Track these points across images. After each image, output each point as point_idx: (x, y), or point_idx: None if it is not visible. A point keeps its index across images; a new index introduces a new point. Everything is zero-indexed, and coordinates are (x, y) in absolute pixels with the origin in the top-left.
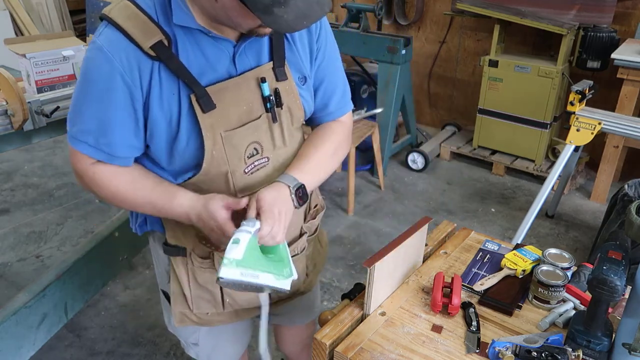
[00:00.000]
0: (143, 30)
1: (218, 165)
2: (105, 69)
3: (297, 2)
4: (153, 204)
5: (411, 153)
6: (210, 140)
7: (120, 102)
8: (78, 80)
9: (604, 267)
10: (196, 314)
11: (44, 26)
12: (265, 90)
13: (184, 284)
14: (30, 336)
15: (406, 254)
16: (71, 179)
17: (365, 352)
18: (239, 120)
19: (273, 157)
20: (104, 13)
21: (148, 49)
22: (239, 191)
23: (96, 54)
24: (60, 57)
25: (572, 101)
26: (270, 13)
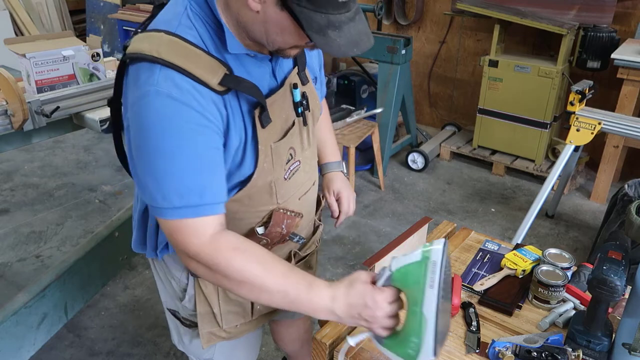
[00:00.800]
0: (204, 67)
1: (265, 175)
2: (183, 115)
3: (350, 29)
4: (285, 292)
5: (411, 153)
6: (264, 154)
7: (210, 142)
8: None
9: (604, 267)
10: (225, 330)
11: (44, 26)
12: (297, 96)
13: (214, 303)
14: (30, 336)
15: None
16: (71, 179)
17: (365, 352)
18: (282, 130)
19: (302, 159)
20: (151, 55)
21: (217, 86)
22: (279, 197)
23: (166, 104)
24: (60, 57)
25: (572, 101)
26: (324, 35)
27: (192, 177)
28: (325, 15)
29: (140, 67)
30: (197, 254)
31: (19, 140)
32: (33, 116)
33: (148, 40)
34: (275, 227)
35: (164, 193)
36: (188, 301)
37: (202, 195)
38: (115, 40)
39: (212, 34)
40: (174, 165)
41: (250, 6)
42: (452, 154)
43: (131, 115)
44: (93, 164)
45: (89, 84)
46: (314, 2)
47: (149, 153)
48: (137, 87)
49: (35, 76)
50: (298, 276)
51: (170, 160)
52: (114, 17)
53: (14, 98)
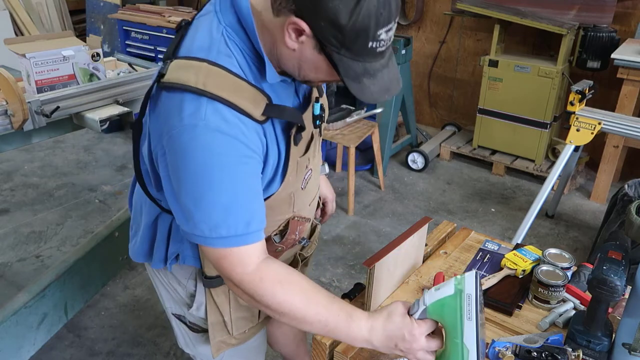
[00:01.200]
0: (249, 100)
1: (288, 188)
2: (233, 149)
3: (383, 76)
4: (326, 322)
5: (411, 153)
6: (292, 168)
7: (255, 173)
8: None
9: (604, 267)
10: (235, 336)
11: (44, 26)
12: (317, 110)
13: (225, 312)
14: (30, 336)
15: (406, 254)
16: (71, 179)
17: (365, 352)
18: (305, 144)
19: (313, 166)
20: (197, 87)
21: (259, 117)
22: (295, 206)
23: (216, 138)
24: (60, 57)
25: (572, 101)
26: (359, 82)
27: (240, 208)
28: (362, 64)
29: (184, 98)
30: (240, 283)
31: (19, 140)
32: (33, 116)
33: (192, 70)
34: (290, 235)
35: (211, 224)
36: (196, 309)
37: (248, 225)
38: (115, 40)
39: (249, 62)
40: (222, 198)
41: (287, 44)
42: (452, 154)
43: (176, 146)
44: (93, 164)
45: (89, 84)
46: (353, 52)
47: (196, 184)
48: (182, 119)
49: (35, 76)
50: (338, 307)
51: (218, 192)
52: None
53: (14, 98)
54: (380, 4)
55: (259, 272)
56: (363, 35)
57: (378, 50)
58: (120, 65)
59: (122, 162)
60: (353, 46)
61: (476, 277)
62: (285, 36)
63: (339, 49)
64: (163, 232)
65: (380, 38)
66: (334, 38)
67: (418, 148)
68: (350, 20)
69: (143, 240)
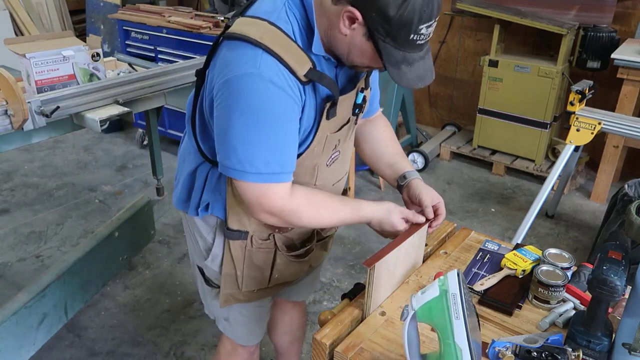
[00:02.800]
0: (296, 59)
1: (312, 158)
2: (282, 99)
3: (419, 66)
4: (344, 220)
5: (411, 153)
6: (317, 140)
7: (295, 123)
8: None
9: (604, 267)
10: (243, 292)
11: (44, 26)
12: (360, 99)
13: (238, 266)
14: (30, 336)
15: (406, 254)
16: (71, 179)
17: (365, 352)
18: (339, 124)
19: (342, 150)
20: (255, 39)
21: (302, 77)
22: (318, 180)
23: (268, 87)
24: (60, 57)
25: (572, 101)
26: (398, 68)
27: (279, 150)
28: (402, 53)
29: (243, 47)
30: (280, 213)
31: (19, 140)
32: (33, 116)
33: (253, 25)
34: None
35: (252, 160)
36: (211, 261)
37: (283, 165)
38: (115, 40)
39: (302, 32)
40: (266, 140)
41: (341, 30)
42: (452, 154)
43: (232, 88)
44: (93, 164)
45: (89, 84)
46: (397, 41)
47: (246, 125)
48: (240, 65)
49: (35, 76)
50: (351, 206)
51: (264, 135)
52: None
53: (14, 98)
54: (425, 3)
55: (294, 201)
56: (407, 27)
57: (418, 42)
58: (120, 65)
59: (122, 162)
60: (397, 36)
61: (458, 276)
62: (340, 22)
63: (385, 37)
64: (200, 180)
65: (421, 32)
66: (382, 27)
67: (418, 148)
68: (397, 13)
69: (183, 188)
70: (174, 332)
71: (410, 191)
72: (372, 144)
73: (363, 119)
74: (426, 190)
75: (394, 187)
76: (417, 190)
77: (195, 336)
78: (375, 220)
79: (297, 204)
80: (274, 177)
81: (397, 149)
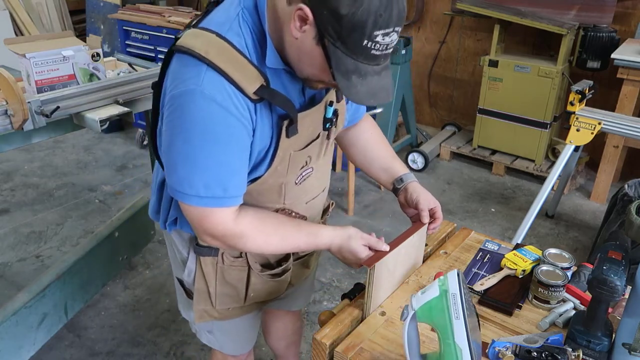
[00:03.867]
0: (245, 76)
1: (277, 177)
2: (222, 118)
3: (372, 80)
4: (298, 247)
5: (411, 153)
6: (280, 159)
7: (241, 144)
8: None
9: (604, 267)
10: (217, 310)
11: (44, 26)
12: (329, 113)
13: (211, 283)
14: (30, 336)
15: (406, 254)
16: (71, 179)
17: (365, 352)
18: (305, 142)
19: (316, 166)
20: (200, 53)
21: (252, 94)
22: (286, 199)
23: (209, 105)
24: (60, 57)
25: (572, 101)
26: (348, 79)
27: (220, 173)
28: (354, 62)
29: (188, 62)
30: (223, 237)
31: (19, 140)
32: (33, 116)
33: (200, 38)
34: None
35: (192, 182)
36: (187, 275)
37: (226, 189)
38: (115, 40)
39: (256, 44)
40: (206, 161)
41: (292, 32)
42: (452, 154)
43: (174, 106)
44: (93, 164)
45: (89, 84)
46: (348, 46)
47: (186, 144)
48: (183, 81)
49: (35, 76)
50: (306, 232)
51: (204, 156)
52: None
53: (14, 98)
54: (382, 6)
55: (239, 226)
56: (359, 30)
57: (372, 52)
58: (120, 65)
59: (122, 162)
60: (348, 40)
61: (458, 276)
62: (291, 23)
63: (335, 40)
64: (167, 194)
65: (376, 40)
66: (332, 28)
67: (418, 148)
68: (349, 12)
69: (155, 199)
70: (174, 332)
71: (407, 195)
72: (361, 148)
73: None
74: (423, 193)
75: (389, 190)
76: (415, 194)
77: (195, 336)
78: (334, 247)
79: (241, 229)
80: (215, 201)
81: (389, 151)
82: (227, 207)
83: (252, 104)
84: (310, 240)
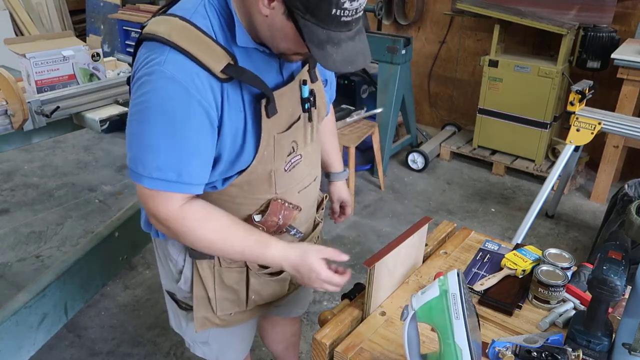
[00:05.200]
0: (210, 55)
1: (265, 163)
2: (181, 98)
3: (347, 47)
4: (243, 253)
5: (411, 153)
6: (265, 142)
7: (200, 128)
8: (144, 115)
9: (604, 267)
10: (219, 316)
11: (44, 26)
12: (305, 92)
13: (209, 287)
14: (30, 336)
15: (406, 254)
16: (71, 179)
17: (365, 352)
18: (287, 123)
19: (304, 153)
20: (163, 37)
21: (219, 73)
22: (278, 188)
23: (167, 84)
24: (60, 57)
25: (572, 101)
26: (322, 49)
27: (174, 156)
28: (326, 31)
29: (152, 47)
30: (165, 221)
31: (19, 140)
32: (33, 116)
33: (164, 23)
34: (271, 217)
35: (145, 162)
36: (184, 283)
37: (179, 175)
38: (115, 40)
39: (224, 25)
40: (160, 143)
41: (261, 10)
42: (452, 154)
43: (135, 87)
44: (93, 164)
45: (89, 84)
46: (317, 17)
47: (142, 124)
48: (146, 65)
49: (35, 76)
50: (255, 239)
51: (158, 137)
52: (114, 17)
53: (14, 98)
54: None
55: (182, 212)
56: (325, 0)
57: (342, 19)
58: (120, 65)
59: (122, 162)
60: (317, 11)
61: (458, 276)
62: (259, 2)
63: (304, 13)
64: None
65: (344, 7)
66: (299, 2)
67: (418, 148)
68: None
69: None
70: (174, 332)
71: (329, 189)
72: None
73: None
74: (341, 191)
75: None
76: (334, 189)
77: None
78: (288, 263)
79: (184, 217)
80: (166, 184)
81: (334, 145)
82: (180, 194)
83: (219, 84)
84: (258, 250)
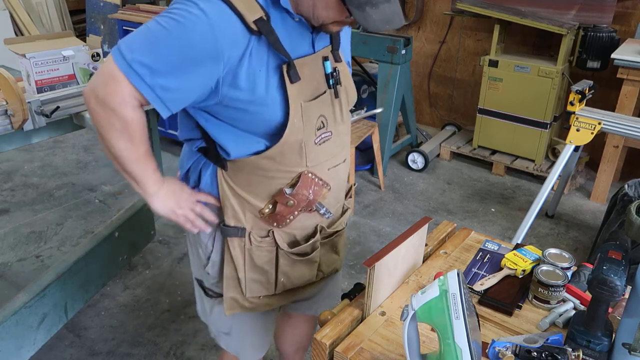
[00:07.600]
0: (246, 5)
1: (296, 133)
2: (204, 37)
3: (385, 8)
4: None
5: (411, 153)
6: (294, 110)
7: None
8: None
9: (604, 267)
10: (248, 299)
11: (44, 26)
12: (328, 68)
13: (239, 267)
14: (30, 336)
15: (406, 254)
16: (71, 179)
17: (365, 352)
18: (312, 94)
19: (335, 131)
20: None
21: (251, 23)
22: (308, 160)
23: (201, 18)
24: (60, 57)
25: (572, 101)
26: (362, 10)
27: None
28: None
29: None
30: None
31: (19, 140)
32: (33, 116)
33: None
34: (302, 189)
35: (133, 48)
36: (211, 267)
37: (152, 77)
38: (115, 40)
39: None
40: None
41: None
42: (452, 154)
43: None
44: (93, 164)
45: None
46: None
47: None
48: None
49: (35, 76)
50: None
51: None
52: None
53: (14, 98)
54: None
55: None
56: None
57: None
58: None
59: None
60: None
61: (458, 276)
62: None
63: None
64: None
65: None
66: None
67: (418, 148)
68: None
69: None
70: (174, 332)
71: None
72: None
73: None
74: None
75: None
76: None
77: (195, 336)
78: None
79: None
80: (136, 77)
81: None
82: (137, 89)
83: (247, 36)
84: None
